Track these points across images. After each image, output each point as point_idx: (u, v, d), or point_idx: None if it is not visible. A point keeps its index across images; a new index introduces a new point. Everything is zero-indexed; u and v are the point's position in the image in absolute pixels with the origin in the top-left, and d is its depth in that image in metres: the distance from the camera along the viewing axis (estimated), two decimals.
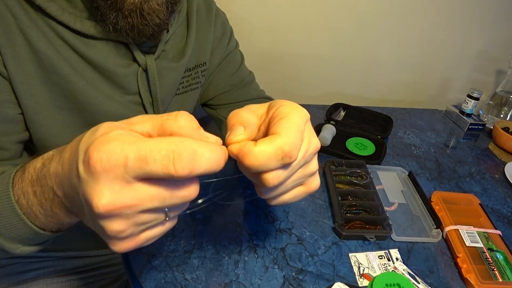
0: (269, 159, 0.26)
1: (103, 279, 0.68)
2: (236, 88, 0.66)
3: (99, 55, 0.46)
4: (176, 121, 0.25)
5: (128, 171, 0.22)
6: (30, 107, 0.44)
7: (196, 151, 0.22)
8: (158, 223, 0.26)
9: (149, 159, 0.22)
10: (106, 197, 0.22)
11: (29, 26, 0.41)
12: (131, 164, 0.22)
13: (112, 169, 0.21)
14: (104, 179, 0.22)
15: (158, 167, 0.22)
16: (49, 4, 0.41)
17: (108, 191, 0.22)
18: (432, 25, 1.01)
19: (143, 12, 0.41)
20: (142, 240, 0.26)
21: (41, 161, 0.31)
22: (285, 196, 0.32)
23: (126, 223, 0.23)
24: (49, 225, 0.34)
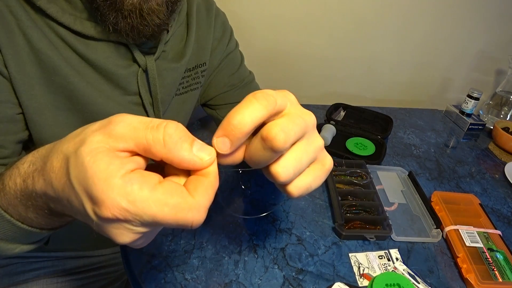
0: (248, 107, 0.25)
1: (103, 279, 0.68)
2: (236, 88, 0.66)
3: (99, 56, 0.46)
4: (164, 147, 0.23)
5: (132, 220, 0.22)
6: (31, 107, 0.44)
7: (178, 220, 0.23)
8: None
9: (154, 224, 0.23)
10: (126, 237, 0.23)
11: (30, 27, 0.41)
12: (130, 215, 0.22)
13: (122, 222, 0.23)
14: (117, 226, 0.23)
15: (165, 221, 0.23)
16: (49, 6, 0.41)
17: (125, 233, 0.23)
18: (432, 25, 1.01)
19: (142, 12, 0.41)
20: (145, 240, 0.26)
21: (20, 179, 0.29)
22: (304, 178, 0.28)
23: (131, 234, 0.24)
24: (46, 226, 0.33)
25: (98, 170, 0.22)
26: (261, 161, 0.26)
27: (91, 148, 0.22)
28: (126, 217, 0.22)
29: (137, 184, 0.22)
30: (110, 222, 0.22)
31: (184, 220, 0.22)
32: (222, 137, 0.25)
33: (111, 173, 0.22)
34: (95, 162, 0.22)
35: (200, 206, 0.23)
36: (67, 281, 0.64)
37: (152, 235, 0.27)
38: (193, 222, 0.23)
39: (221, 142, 0.25)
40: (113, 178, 0.22)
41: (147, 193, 0.22)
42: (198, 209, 0.23)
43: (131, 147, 0.23)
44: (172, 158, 0.23)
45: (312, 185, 0.29)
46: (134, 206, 0.21)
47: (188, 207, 0.23)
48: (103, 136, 0.23)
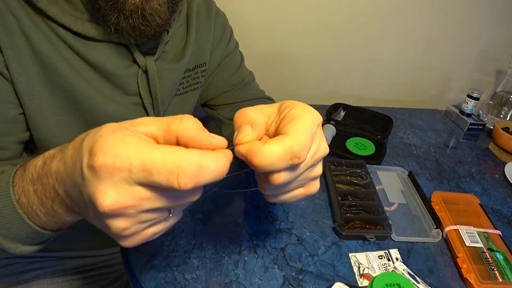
0: (278, 159, 0.26)
1: (103, 279, 0.68)
2: (236, 88, 0.66)
3: (100, 57, 0.46)
4: (181, 124, 0.25)
5: (132, 177, 0.22)
6: (31, 108, 0.44)
7: (201, 166, 0.23)
8: (162, 219, 0.27)
9: (154, 172, 0.22)
10: (110, 197, 0.22)
11: (31, 28, 0.41)
12: (135, 171, 0.22)
13: (116, 172, 0.22)
14: (109, 180, 0.22)
15: (162, 180, 0.22)
16: (50, 7, 0.41)
17: (112, 192, 0.22)
18: (432, 25, 1.01)
19: (144, 12, 0.41)
20: (147, 235, 0.26)
21: (42, 160, 0.31)
22: (285, 195, 0.32)
23: (130, 221, 0.24)
24: (49, 224, 0.33)
25: (111, 130, 0.23)
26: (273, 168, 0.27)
27: (112, 125, 0.24)
28: (115, 164, 0.22)
29: (135, 137, 0.23)
30: (102, 179, 0.22)
31: (173, 167, 0.22)
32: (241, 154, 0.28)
33: (121, 128, 0.23)
34: (112, 130, 0.23)
35: (193, 160, 0.23)
36: (67, 281, 0.64)
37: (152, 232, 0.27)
38: (186, 183, 0.22)
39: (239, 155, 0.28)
40: (119, 130, 0.23)
41: (144, 143, 0.23)
42: (191, 163, 0.22)
43: (152, 130, 0.25)
44: (187, 135, 0.25)
45: (288, 201, 0.33)
46: (127, 149, 0.22)
47: (186, 155, 0.23)
48: (125, 123, 0.25)
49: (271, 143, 0.27)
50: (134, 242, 0.26)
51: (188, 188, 0.22)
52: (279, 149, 0.26)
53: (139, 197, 0.23)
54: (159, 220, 0.26)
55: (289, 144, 0.26)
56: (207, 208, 0.59)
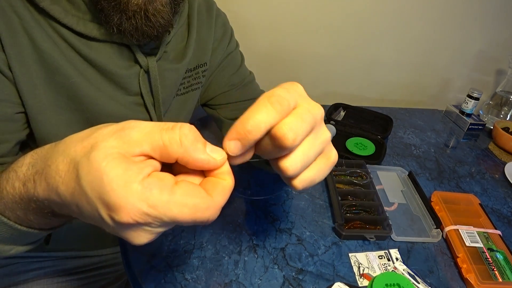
0: (260, 110, 0.25)
1: (103, 279, 0.68)
2: (236, 88, 0.67)
3: (102, 57, 0.46)
4: (181, 146, 0.23)
5: (153, 224, 0.23)
6: (33, 107, 0.44)
7: (196, 218, 0.24)
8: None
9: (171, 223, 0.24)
10: (143, 239, 0.24)
11: (34, 27, 0.41)
12: (156, 221, 0.23)
13: (141, 225, 0.23)
14: (134, 229, 0.23)
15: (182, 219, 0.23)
16: (53, 7, 0.41)
17: (143, 234, 0.24)
18: (432, 25, 1.01)
19: (147, 13, 0.41)
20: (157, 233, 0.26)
21: (19, 182, 0.29)
22: (309, 172, 0.29)
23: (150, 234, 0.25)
24: (43, 226, 0.33)
25: (116, 176, 0.21)
26: (270, 156, 0.27)
27: (106, 154, 0.22)
28: (146, 220, 0.22)
29: (156, 189, 0.22)
30: (129, 226, 0.23)
31: (201, 218, 0.24)
32: (235, 140, 0.26)
33: (129, 178, 0.22)
34: (112, 168, 0.21)
35: (217, 205, 0.24)
36: (67, 281, 0.64)
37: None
38: (209, 219, 0.24)
39: (233, 145, 0.26)
40: (132, 184, 0.22)
41: (167, 197, 0.22)
42: (215, 208, 0.24)
43: (147, 151, 0.23)
44: (188, 158, 0.24)
45: (316, 178, 0.29)
46: (155, 210, 0.22)
47: (206, 206, 0.24)
48: (117, 142, 0.23)
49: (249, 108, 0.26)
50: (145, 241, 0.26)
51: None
52: (258, 102, 0.26)
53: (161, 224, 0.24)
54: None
55: (264, 95, 0.27)
56: None
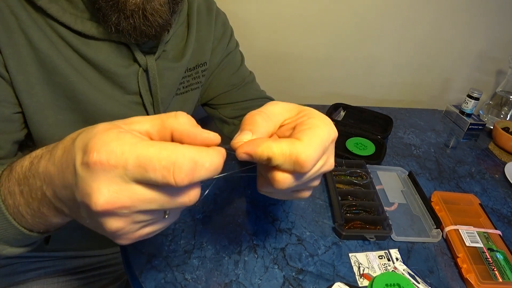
0: (282, 156, 0.26)
1: (103, 279, 0.68)
2: (237, 88, 0.67)
3: (100, 56, 0.46)
4: (176, 119, 0.25)
5: (127, 174, 0.22)
6: (31, 106, 0.44)
7: (197, 161, 0.22)
8: (157, 220, 0.26)
9: (149, 168, 0.21)
10: (104, 196, 0.22)
11: (31, 26, 0.41)
12: (130, 168, 0.22)
13: (111, 169, 0.21)
14: (103, 178, 0.22)
15: (158, 177, 0.22)
16: (50, 5, 0.41)
17: (106, 190, 0.22)
18: (432, 25, 1.01)
19: (145, 12, 0.41)
20: (142, 234, 0.26)
21: (28, 160, 0.30)
22: (278, 194, 0.33)
23: (123, 222, 0.23)
24: (36, 226, 0.33)
25: (105, 128, 0.23)
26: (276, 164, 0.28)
27: (106, 125, 0.24)
28: (110, 161, 0.21)
29: (130, 134, 0.23)
30: (98, 177, 0.22)
31: (169, 163, 0.22)
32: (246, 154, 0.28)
33: (114, 126, 0.23)
34: (106, 129, 0.23)
35: (189, 158, 0.22)
36: (68, 281, 0.64)
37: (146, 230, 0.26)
38: (176, 177, 0.22)
39: (242, 156, 0.28)
40: (113, 129, 0.23)
41: (138, 139, 0.23)
42: (186, 159, 0.22)
43: (146, 127, 0.25)
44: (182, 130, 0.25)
45: (278, 198, 0.33)
46: (122, 146, 0.22)
47: (182, 151, 0.22)
48: (119, 122, 0.25)
49: (280, 141, 0.27)
50: (129, 240, 0.26)
51: (184, 184, 0.22)
52: (286, 149, 0.26)
53: (134, 196, 0.22)
54: (154, 221, 0.26)
55: (297, 149, 0.26)
56: (207, 208, 0.59)
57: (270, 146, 0.26)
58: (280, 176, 0.28)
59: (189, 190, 0.24)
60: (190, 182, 0.22)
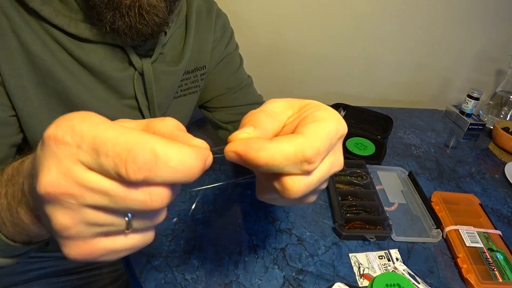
0: (286, 159, 0.22)
1: (103, 279, 0.68)
2: (233, 91, 0.65)
3: (95, 59, 0.45)
4: (162, 122, 0.22)
5: (79, 155, 0.19)
6: (25, 110, 0.43)
7: (159, 156, 0.18)
8: (117, 231, 0.21)
9: (102, 152, 0.18)
10: (50, 176, 0.19)
11: (23, 29, 0.40)
12: (84, 149, 0.19)
13: (65, 147, 0.19)
14: (54, 156, 0.19)
15: (109, 164, 0.18)
16: (43, 7, 0.40)
17: (54, 170, 0.19)
18: (432, 25, 1.01)
19: (141, 10, 0.39)
20: (97, 248, 0.21)
21: (20, 159, 0.28)
22: (279, 201, 0.28)
23: (71, 217, 0.20)
24: (17, 235, 0.30)
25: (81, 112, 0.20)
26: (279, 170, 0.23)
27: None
28: (65, 137, 0.19)
29: (102, 118, 0.20)
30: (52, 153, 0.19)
31: (123, 149, 0.18)
32: (236, 156, 0.23)
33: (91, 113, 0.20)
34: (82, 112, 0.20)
35: (148, 148, 0.19)
36: (68, 280, 0.64)
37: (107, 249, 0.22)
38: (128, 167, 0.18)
39: (232, 156, 0.23)
40: (90, 112, 0.20)
41: (103, 121, 0.20)
42: (144, 149, 0.18)
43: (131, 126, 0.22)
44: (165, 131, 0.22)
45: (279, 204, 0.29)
46: (82, 124, 0.19)
47: (142, 139, 0.19)
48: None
49: (280, 140, 0.22)
50: (81, 251, 0.21)
51: (138, 179, 0.18)
52: (289, 148, 0.22)
53: (83, 183, 0.19)
54: (113, 230, 0.21)
55: (302, 145, 0.22)
56: (207, 208, 0.59)
57: (267, 149, 0.22)
58: (291, 182, 0.23)
59: (151, 190, 0.19)
60: (146, 179, 0.19)
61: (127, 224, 0.21)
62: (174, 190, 0.21)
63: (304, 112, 0.26)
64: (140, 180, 0.18)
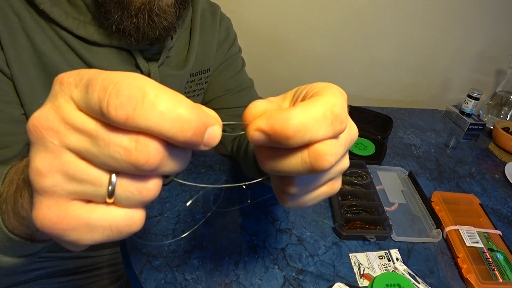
0: (317, 122, 0.19)
1: (103, 279, 0.68)
2: (231, 93, 0.65)
3: (102, 62, 0.45)
4: None
5: (73, 93, 0.18)
6: (32, 111, 0.43)
7: (147, 94, 0.16)
8: (97, 195, 0.18)
9: (90, 88, 0.17)
10: (42, 110, 0.18)
11: (34, 29, 0.40)
12: (80, 86, 0.18)
13: (65, 85, 0.18)
14: (53, 95, 0.18)
15: (94, 98, 0.17)
16: (53, 9, 0.40)
17: (48, 106, 0.18)
18: (432, 25, 1.01)
19: (151, 13, 0.39)
20: (70, 215, 0.18)
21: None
22: (308, 196, 0.25)
23: (50, 161, 0.18)
24: (18, 228, 0.29)
25: None
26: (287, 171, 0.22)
27: None
28: (69, 78, 0.18)
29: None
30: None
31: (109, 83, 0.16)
32: (263, 133, 0.20)
33: None
34: None
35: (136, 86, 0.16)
36: (68, 281, 0.64)
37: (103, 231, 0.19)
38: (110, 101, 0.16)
39: (258, 136, 0.20)
40: None
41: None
42: (132, 86, 0.16)
43: None
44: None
45: (309, 203, 0.25)
46: (88, 71, 0.18)
47: (130, 81, 0.17)
48: None
49: (303, 104, 0.20)
50: (49, 214, 0.18)
51: (118, 117, 0.16)
52: (317, 109, 0.19)
53: (69, 120, 0.18)
54: (91, 193, 0.18)
55: (327, 103, 0.20)
56: (207, 209, 0.59)
57: (295, 116, 0.19)
58: (323, 147, 0.20)
59: (138, 138, 0.17)
60: (129, 121, 0.16)
61: (110, 187, 0.18)
62: (169, 153, 0.18)
63: (300, 94, 0.24)
64: (122, 119, 0.16)
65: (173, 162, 0.19)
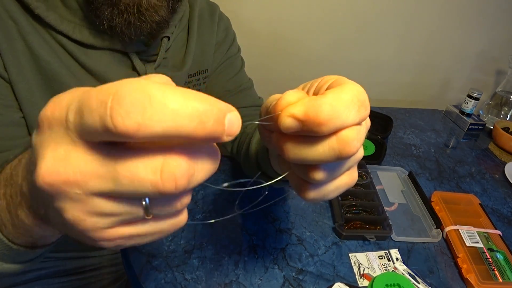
0: (347, 108, 0.20)
1: (103, 279, 0.68)
2: (231, 94, 0.65)
3: (99, 65, 0.45)
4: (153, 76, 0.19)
5: (69, 127, 0.16)
6: (31, 115, 0.44)
7: (153, 95, 0.14)
8: (136, 218, 0.18)
9: (85, 110, 0.15)
10: (46, 163, 0.16)
11: (31, 33, 0.41)
12: (71, 118, 0.16)
13: (56, 124, 0.16)
14: (49, 140, 0.16)
15: (95, 120, 0.14)
16: (48, 14, 0.40)
17: (51, 155, 0.16)
18: (432, 25, 1.01)
19: (140, 8, 0.39)
20: (121, 235, 0.19)
21: (19, 157, 0.26)
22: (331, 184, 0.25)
23: (81, 208, 0.17)
24: (19, 237, 0.28)
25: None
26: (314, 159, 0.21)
27: None
28: (54, 112, 0.17)
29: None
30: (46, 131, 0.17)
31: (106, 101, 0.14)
32: (295, 119, 0.20)
33: None
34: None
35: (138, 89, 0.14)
36: (68, 281, 0.64)
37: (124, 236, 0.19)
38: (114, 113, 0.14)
39: (290, 123, 0.21)
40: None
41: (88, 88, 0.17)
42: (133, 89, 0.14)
43: None
44: None
45: (331, 195, 0.25)
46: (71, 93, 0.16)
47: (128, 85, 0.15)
48: None
49: (332, 91, 0.20)
50: (104, 240, 0.19)
51: (128, 128, 0.14)
52: (345, 95, 0.20)
53: (77, 164, 0.16)
54: (130, 218, 0.18)
55: (352, 90, 0.21)
56: (207, 208, 0.59)
57: (327, 103, 0.20)
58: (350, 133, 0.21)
59: (162, 167, 0.16)
60: (140, 130, 0.14)
61: (145, 210, 0.18)
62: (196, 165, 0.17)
63: (313, 84, 0.25)
64: (132, 128, 0.14)
65: (202, 170, 0.18)
